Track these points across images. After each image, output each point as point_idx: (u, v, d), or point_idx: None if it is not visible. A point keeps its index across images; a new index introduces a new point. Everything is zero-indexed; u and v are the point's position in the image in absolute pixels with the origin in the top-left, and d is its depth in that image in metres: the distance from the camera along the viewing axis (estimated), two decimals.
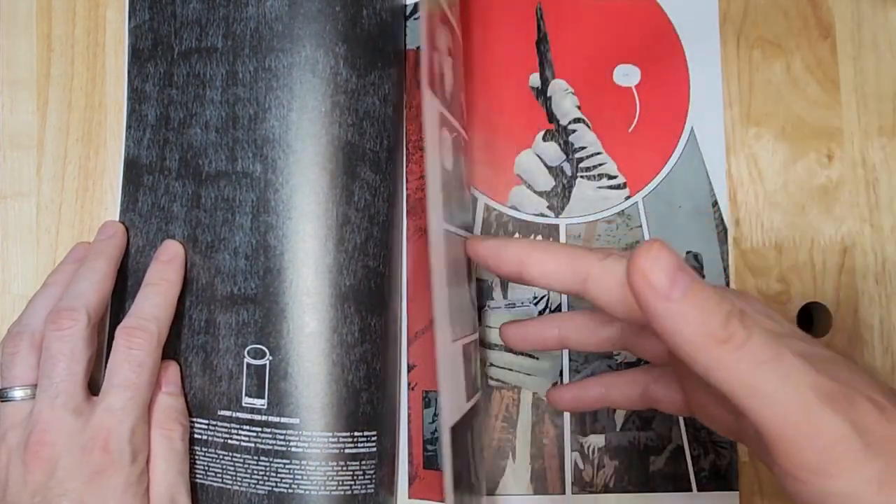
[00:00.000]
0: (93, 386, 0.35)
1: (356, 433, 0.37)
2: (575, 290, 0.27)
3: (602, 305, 0.26)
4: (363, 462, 0.37)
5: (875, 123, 0.40)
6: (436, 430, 0.39)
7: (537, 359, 0.39)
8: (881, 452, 0.21)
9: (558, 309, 0.40)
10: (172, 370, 0.38)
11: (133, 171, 0.39)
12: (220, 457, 0.37)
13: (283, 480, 0.36)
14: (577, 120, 0.41)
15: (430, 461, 0.39)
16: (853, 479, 0.20)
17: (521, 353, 0.39)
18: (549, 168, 0.40)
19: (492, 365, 0.39)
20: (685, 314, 0.21)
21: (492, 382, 0.39)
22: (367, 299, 0.37)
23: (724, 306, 0.21)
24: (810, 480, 0.21)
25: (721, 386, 0.21)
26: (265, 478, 0.36)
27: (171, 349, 0.38)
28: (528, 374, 0.39)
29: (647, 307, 0.22)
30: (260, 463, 0.37)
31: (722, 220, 0.40)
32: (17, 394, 0.34)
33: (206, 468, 0.38)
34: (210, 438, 0.37)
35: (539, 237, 0.40)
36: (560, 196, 0.40)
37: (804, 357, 0.22)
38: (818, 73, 0.41)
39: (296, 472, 0.36)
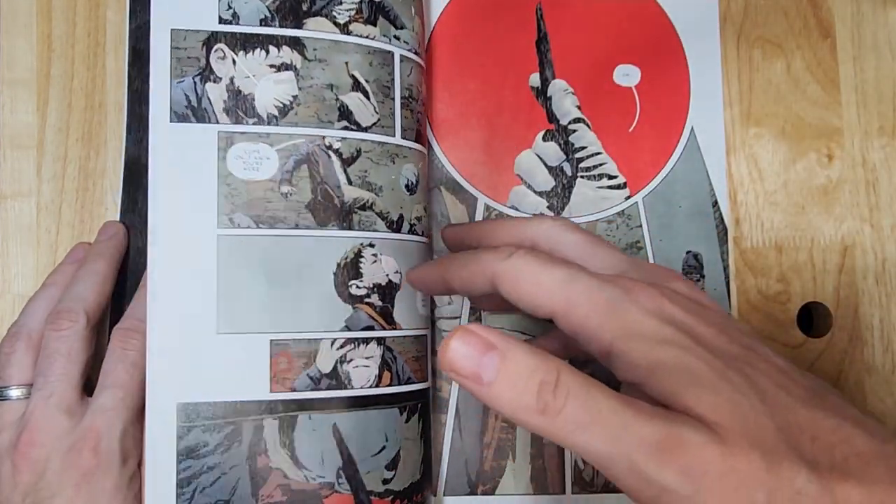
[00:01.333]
0: (91, 389, 0.35)
1: None
2: (489, 290, 0.28)
3: (512, 301, 0.27)
4: None
5: (875, 123, 0.40)
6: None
7: None
8: (716, 492, 0.21)
9: None
10: None
11: (133, 172, 0.39)
12: None
13: None
14: (577, 120, 0.41)
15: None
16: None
17: None
18: (549, 168, 0.40)
19: None
20: (500, 394, 0.22)
21: None
22: None
23: (536, 377, 0.22)
24: None
25: (558, 441, 0.22)
26: None
27: None
28: None
29: (469, 391, 0.23)
30: None
31: (722, 220, 0.40)
32: (13, 393, 0.34)
33: None
34: None
35: None
36: (560, 196, 0.40)
37: (634, 406, 0.22)
38: (818, 73, 0.41)
39: None
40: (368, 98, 0.35)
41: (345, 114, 0.34)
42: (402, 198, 0.36)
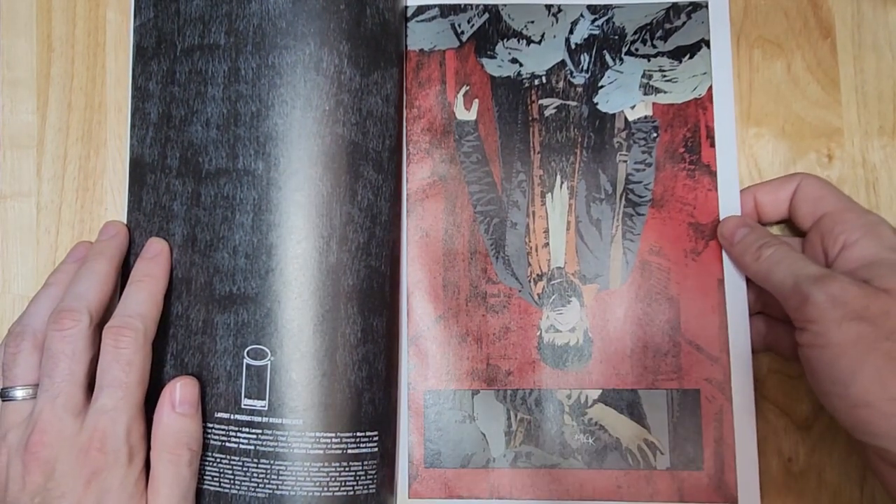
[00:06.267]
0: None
1: (358, 433, 0.36)
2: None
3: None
4: (365, 462, 0.36)
5: (875, 123, 0.41)
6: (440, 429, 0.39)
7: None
8: (855, 316, 0.31)
9: None
10: (189, 388, 0.36)
11: (137, 171, 0.39)
12: (217, 460, 0.37)
13: (285, 483, 0.36)
14: None
15: (431, 460, 0.39)
16: (828, 326, 0.32)
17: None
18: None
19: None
20: (740, 251, 0.37)
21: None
22: (370, 299, 0.37)
23: (760, 241, 0.37)
24: (806, 327, 0.33)
25: (756, 278, 0.37)
26: (266, 480, 0.36)
27: (167, 351, 0.37)
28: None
29: (723, 246, 0.39)
30: (260, 465, 0.36)
31: None
32: (19, 393, 0.34)
33: (202, 472, 0.37)
34: (207, 442, 0.37)
35: None
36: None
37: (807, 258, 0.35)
38: (818, 73, 0.41)
39: (298, 473, 0.36)
40: None
41: None
42: None
